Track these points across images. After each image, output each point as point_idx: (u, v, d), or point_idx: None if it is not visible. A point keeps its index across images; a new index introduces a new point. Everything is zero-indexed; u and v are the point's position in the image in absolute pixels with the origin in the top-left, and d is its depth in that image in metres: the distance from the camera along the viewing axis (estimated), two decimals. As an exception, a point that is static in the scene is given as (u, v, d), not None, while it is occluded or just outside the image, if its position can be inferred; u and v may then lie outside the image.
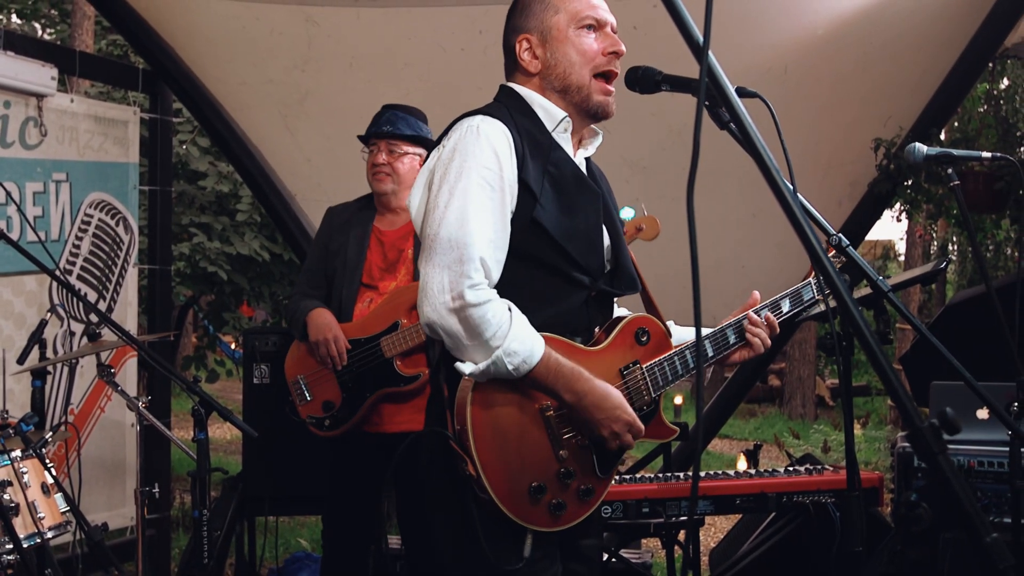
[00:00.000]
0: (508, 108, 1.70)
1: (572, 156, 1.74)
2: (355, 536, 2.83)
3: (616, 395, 1.64)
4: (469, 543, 1.59)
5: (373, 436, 2.74)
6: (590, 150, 1.80)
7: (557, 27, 1.71)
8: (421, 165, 2.79)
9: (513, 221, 1.62)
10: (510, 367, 1.54)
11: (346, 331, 2.72)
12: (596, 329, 1.73)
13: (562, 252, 1.65)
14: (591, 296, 1.72)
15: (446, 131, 1.69)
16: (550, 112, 1.71)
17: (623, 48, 1.73)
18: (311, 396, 2.77)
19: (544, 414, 1.61)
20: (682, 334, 1.85)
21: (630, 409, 1.65)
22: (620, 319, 1.75)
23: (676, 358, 1.74)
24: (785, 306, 1.89)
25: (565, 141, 1.73)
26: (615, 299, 1.82)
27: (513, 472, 1.58)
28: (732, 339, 1.81)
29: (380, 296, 2.75)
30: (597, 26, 1.72)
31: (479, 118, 1.65)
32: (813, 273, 1.91)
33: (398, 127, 2.75)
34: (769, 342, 1.83)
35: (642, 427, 1.66)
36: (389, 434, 2.73)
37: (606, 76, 1.72)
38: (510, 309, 1.57)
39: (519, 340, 1.55)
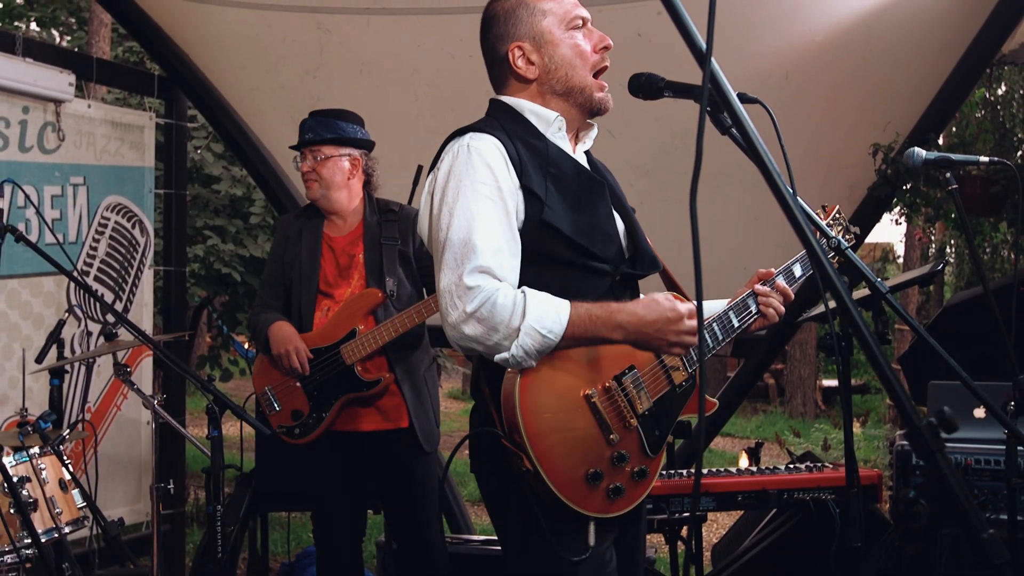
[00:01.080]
0: (498, 119, 1.70)
1: (571, 153, 1.74)
2: (344, 534, 2.86)
3: (652, 305, 1.61)
4: (534, 538, 1.59)
5: (346, 435, 2.80)
6: (588, 143, 1.80)
7: (549, 31, 1.70)
8: (350, 164, 2.83)
9: (525, 227, 1.63)
10: (544, 332, 1.53)
11: (307, 340, 2.77)
12: None
13: (579, 248, 1.66)
14: (615, 280, 1.72)
15: (439, 154, 1.70)
16: (541, 115, 1.72)
17: (610, 41, 1.74)
18: (279, 406, 2.82)
19: (590, 401, 1.61)
20: (705, 305, 1.85)
21: (674, 304, 1.61)
22: None
23: (706, 332, 1.74)
24: (797, 270, 1.89)
25: (561, 140, 1.73)
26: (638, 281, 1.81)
27: (569, 462, 1.58)
28: (753, 308, 1.81)
29: (337, 304, 2.80)
30: (582, 23, 1.73)
31: (468, 136, 1.65)
32: (818, 236, 1.93)
33: (318, 133, 2.82)
34: (783, 310, 1.81)
35: (693, 308, 1.60)
36: (361, 433, 2.79)
37: (600, 71, 1.74)
38: (524, 291, 1.57)
39: (540, 306, 1.54)
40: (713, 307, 1.85)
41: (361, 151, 2.88)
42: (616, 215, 1.76)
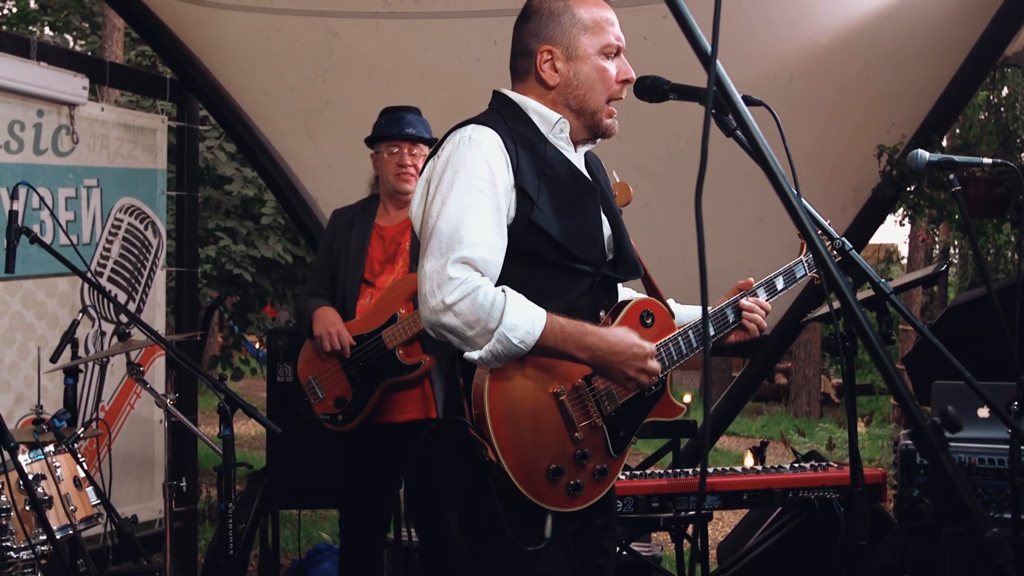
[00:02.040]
0: (501, 115, 1.72)
1: (571, 153, 1.76)
2: (371, 527, 2.90)
3: (623, 336, 1.65)
4: (491, 526, 1.63)
5: (380, 427, 2.83)
6: (588, 145, 1.81)
7: (584, 47, 1.72)
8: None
9: (513, 224, 1.66)
10: (515, 341, 1.56)
11: (350, 328, 2.80)
12: (602, 313, 1.76)
13: (563, 250, 1.69)
14: (596, 281, 1.75)
15: (441, 142, 1.72)
16: (544, 116, 1.73)
17: (634, 75, 1.76)
18: (323, 394, 2.86)
19: (558, 399, 1.65)
20: (683, 312, 1.88)
21: (641, 342, 1.66)
22: (625, 303, 1.79)
23: (680, 338, 1.76)
24: (780, 284, 1.91)
25: (561, 140, 1.75)
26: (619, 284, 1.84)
27: (531, 455, 1.62)
28: (732, 318, 1.83)
29: (380, 292, 2.84)
30: (616, 52, 1.74)
31: (471, 128, 1.67)
32: (804, 250, 1.93)
33: (419, 131, 2.89)
34: (764, 324, 1.85)
35: (654, 350, 1.67)
36: (395, 424, 2.82)
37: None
38: (504, 291, 1.59)
39: (517, 314, 1.57)
40: (689, 313, 1.88)
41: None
42: (604, 218, 1.78)
